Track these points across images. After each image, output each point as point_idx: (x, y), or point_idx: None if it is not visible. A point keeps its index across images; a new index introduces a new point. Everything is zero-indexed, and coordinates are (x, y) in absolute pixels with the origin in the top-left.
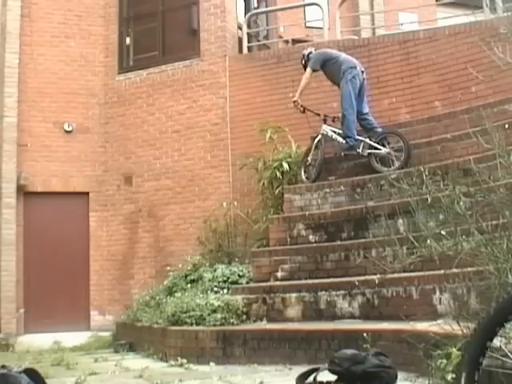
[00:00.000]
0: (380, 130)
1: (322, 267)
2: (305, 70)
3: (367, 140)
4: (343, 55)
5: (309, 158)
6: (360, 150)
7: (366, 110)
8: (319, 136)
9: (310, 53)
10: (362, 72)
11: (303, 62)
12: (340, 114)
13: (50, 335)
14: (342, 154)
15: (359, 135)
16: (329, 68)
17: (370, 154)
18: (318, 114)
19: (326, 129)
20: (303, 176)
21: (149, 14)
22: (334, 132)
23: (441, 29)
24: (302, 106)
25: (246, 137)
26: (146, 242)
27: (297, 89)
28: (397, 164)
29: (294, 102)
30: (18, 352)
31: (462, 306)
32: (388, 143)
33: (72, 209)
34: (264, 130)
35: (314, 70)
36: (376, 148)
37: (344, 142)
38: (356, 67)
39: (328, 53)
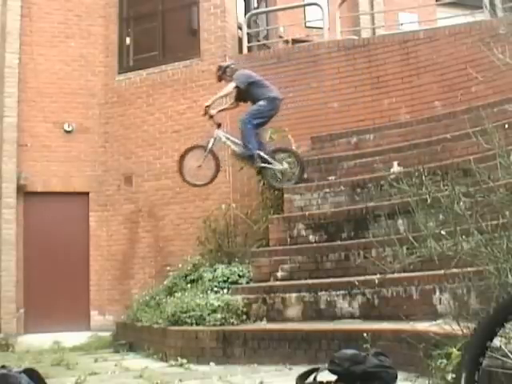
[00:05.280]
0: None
1: (321, 267)
2: (219, 80)
3: (262, 153)
4: (267, 82)
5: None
6: (256, 162)
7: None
8: (212, 140)
9: (228, 66)
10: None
11: (219, 73)
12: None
13: (49, 335)
14: (240, 156)
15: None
16: (251, 91)
17: (263, 167)
18: (219, 125)
19: (220, 134)
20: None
21: (149, 14)
22: (228, 138)
23: (441, 29)
24: (210, 115)
25: None
26: (145, 241)
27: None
28: (292, 180)
29: (206, 106)
30: (18, 352)
31: (461, 305)
32: (282, 159)
33: (72, 209)
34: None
35: (235, 87)
36: (269, 162)
37: (239, 148)
38: (279, 99)
39: (253, 76)
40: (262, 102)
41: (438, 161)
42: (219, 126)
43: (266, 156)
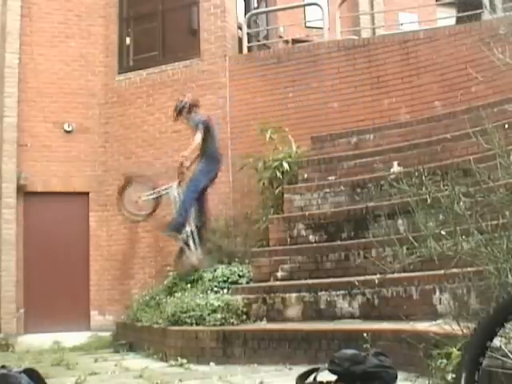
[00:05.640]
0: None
1: (321, 267)
2: (177, 115)
3: (193, 229)
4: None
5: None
6: (182, 235)
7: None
8: (166, 187)
9: (187, 103)
10: None
11: (178, 109)
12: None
13: (49, 335)
14: (165, 231)
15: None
16: (207, 139)
17: (185, 245)
18: (180, 182)
19: (174, 190)
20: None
21: (149, 14)
22: (176, 202)
23: (441, 29)
24: (186, 167)
25: (245, 137)
26: (145, 242)
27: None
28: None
29: (182, 156)
30: (18, 352)
31: (461, 306)
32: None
33: (72, 209)
34: (264, 130)
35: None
36: (188, 245)
37: (173, 217)
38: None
39: (212, 126)
40: (204, 164)
41: (438, 161)
42: (180, 182)
43: (194, 237)
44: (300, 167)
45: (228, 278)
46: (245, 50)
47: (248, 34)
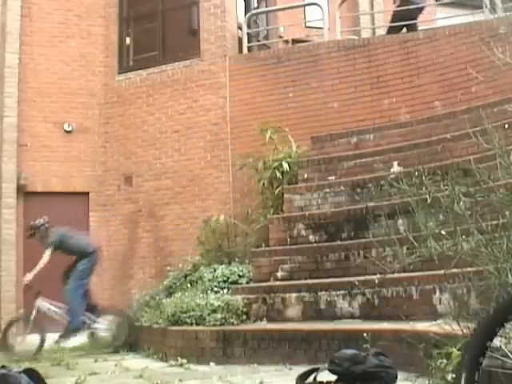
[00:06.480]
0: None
1: (322, 267)
2: (31, 236)
3: (92, 316)
4: (84, 237)
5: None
6: (85, 327)
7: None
8: (34, 311)
9: (43, 225)
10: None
11: (33, 231)
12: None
13: (49, 335)
14: (65, 336)
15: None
16: (69, 247)
17: (90, 327)
18: (38, 293)
19: (41, 304)
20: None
21: (149, 14)
22: (49, 308)
23: (441, 29)
24: (28, 286)
25: (245, 137)
26: (145, 242)
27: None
28: (117, 342)
29: (27, 280)
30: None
31: (461, 305)
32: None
33: (72, 209)
34: (264, 130)
35: (53, 251)
36: (95, 322)
37: (68, 320)
38: (97, 250)
39: (64, 232)
40: (84, 261)
41: (438, 161)
42: (38, 294)
43: (96, 318)
44: (300, 167)
45: (228, 278)
46: (245, 50)
47: (248, 33)
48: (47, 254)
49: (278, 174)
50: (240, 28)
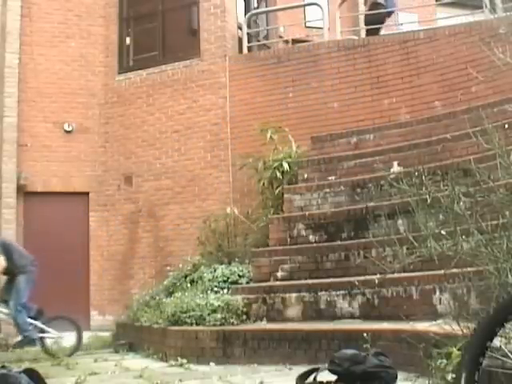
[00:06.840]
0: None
1: (322, 267)
2: None
3: (39, 323)
4: (24, 251)
5: None
6: (36, 337)
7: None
8: None
9: None
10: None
11: None
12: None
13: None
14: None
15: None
16: (10, 257)
17: (41, 337)
18: None
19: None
20: None
21: (149, 14)
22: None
23: (441, 29)
24: None
25: (246, 137)
26: (145, 242)
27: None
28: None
29: None
30: (18, 352)
31: (461, 305)
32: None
33: (72, 209)
34: (264, 130)
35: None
36: (45, 331)
37: (19, 336)
38: (34, 268)
39: (9, 243)
40: (22, 279)
41: (438, 161)
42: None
43: (43, 326)
44: (300, 167)
45: (228, 278)
46: (245, 50)
47: (248, 34)
48: (2, 262)
49: (278, 174)
50: (240, 28)
